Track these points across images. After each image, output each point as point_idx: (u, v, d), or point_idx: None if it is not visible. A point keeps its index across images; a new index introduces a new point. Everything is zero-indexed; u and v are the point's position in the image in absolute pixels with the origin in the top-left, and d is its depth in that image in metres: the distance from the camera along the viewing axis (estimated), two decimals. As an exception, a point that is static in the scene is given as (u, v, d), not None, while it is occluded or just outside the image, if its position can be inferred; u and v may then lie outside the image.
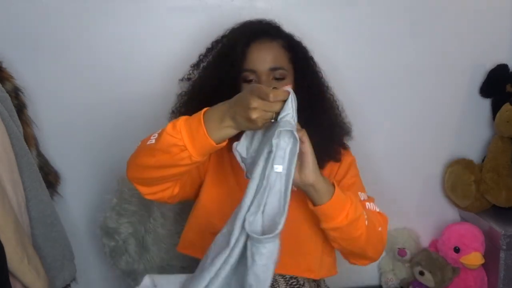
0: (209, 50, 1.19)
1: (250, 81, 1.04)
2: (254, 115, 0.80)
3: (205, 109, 0.87)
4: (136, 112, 1.54)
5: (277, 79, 1.05)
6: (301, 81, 1.10)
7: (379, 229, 1.03)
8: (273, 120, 0.83)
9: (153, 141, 0.89)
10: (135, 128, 1.54)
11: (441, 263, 1.67)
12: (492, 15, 1.67)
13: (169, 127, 0.86)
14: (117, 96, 1.53)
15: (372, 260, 1.07)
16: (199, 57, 1.21)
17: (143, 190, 1.00)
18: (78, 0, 1.45)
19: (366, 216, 0.98)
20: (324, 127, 1.11)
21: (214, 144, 0.84)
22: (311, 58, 1.17)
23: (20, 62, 1.43)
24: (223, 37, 1.17)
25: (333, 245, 1.04)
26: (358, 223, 0.96)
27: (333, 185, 0.95)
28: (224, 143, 0.87)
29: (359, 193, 1.10)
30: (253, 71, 1.04)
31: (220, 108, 0.85)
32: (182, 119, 0.87)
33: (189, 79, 1.22)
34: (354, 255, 1.07)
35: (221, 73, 1.06)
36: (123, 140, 1.54)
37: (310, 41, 1.19)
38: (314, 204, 0.94)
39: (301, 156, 0.88)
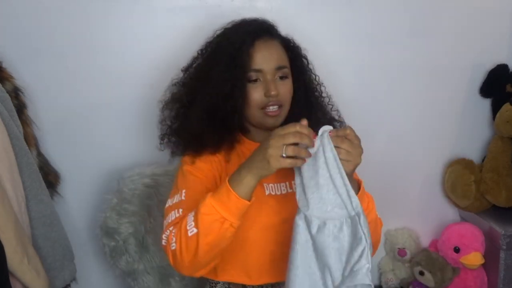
0: (202, 52, 1.15)
1: (255, 80, 1.03)
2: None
3: (227, 179, 0.90)
4: (137, 112, 1.54)
5: (281, 78, 1.05)
6: (298, 79, 1.11)
7: (380, 234, 1.07)
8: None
9: (194, 230, 0.89)
10: (135, 129, 1.55)
11: (441, 263, 1.67)
12: (492, 15, 1.67)
13: (202, 209, 0.88)
14: (117, 96, 1.53)
15: None
16: (193, 60, 1.16)
17: (203, 272, 0.97)
18: (78, 0, 1.45)
19: (374, 223, 1.01)
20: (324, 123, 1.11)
21: (247, 202, 0.88)
22: (305, 57, 1.17)
23: (20, 62, 1.43)
24: (217, 37, 1.12)
25: None
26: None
27: (359, 186, 0.97)
28: (254, 198, 0.90)
29: None
30: (259, 71, 1.03)
31: (238, 171, 0.90)
32: (209, 196, 0.90)
33: (183, 84, 1.15)
34: None
35: (223, 74, 1.03)
36: (123, 140, 1.55)
37: (310, 41, 1.19)
38: None
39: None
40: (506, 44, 1.70)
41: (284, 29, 1.14)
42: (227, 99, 1.03)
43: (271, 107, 1.03)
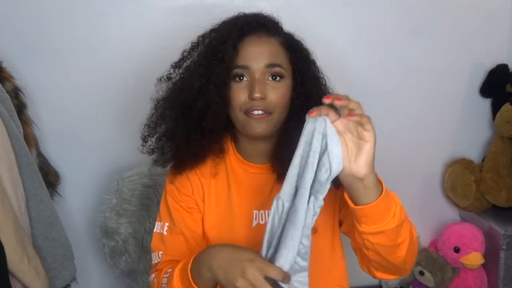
0: (194, 46, 1.01)
1: (240, 79, 0.90)
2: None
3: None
4: (136, 112, 1.53)
5: (273, 78, 0.90)
6: (300, 86, 0.95)
7: (416, 235, 0.87)
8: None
9: None
10: (135, 129, 1.54)
11: (441, 263, 1.67)
12: (492, 15, 1.67)
13: None
14: (117, 96, 1.53)
15: (406, 273, 0.89)
16: (183, 53, 1.02)
17: None
18: (78, 0, 1.45)
19: (410, 221, 0.84)
20: None
21: None
22: (313, 62, 1.00)
23: (20, 62, 1.43)
24: (212, 31, 0.99)
25: (368, 255, 0.84)
26: (403, 227, 0.81)
27: (380, 181, 0.81)
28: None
29: None
30: (246, 68, 0.89)
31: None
32: (175, 278, 0.86)
33: (169, 78, 1.03)
34: (388, 268, 0.87)
35: (207, 70, 0.91)
36: (123, 140, 1.54)
37: (311, 41, 1.18)
38: (357, 203, 0.78)
39: (360, 143, 0.81)
40: (506, 44, 1.70)
41: (283, 28, 1.13)
42: (198, 95, 0.91)
43: (255, 111, 0.89)
